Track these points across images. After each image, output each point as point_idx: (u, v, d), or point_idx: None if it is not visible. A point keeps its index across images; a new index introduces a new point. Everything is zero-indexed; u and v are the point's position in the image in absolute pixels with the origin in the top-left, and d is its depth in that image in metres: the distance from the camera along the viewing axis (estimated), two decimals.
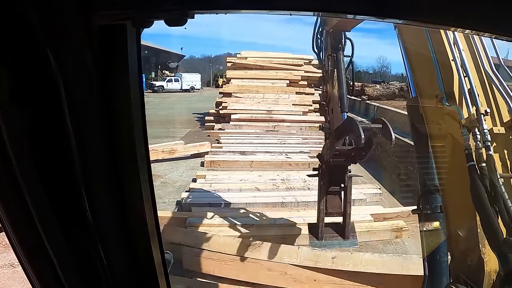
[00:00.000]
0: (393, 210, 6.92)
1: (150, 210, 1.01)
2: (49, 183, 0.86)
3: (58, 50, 0.76)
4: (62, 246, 0.92)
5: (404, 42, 2.72)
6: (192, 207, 7.03)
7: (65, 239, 0.92)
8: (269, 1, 0.82)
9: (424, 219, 2.70)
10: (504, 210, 1.84)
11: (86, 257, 0.96)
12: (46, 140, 0.83)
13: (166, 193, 8.39)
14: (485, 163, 1.94)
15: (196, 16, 0.81)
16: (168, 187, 8.85)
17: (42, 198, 0.86)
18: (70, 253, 0.95)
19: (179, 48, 52.56)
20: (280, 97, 17.14)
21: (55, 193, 0.87)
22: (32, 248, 0.91)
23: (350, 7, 0.80)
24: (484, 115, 2.01)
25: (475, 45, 2.26)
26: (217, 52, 75.14)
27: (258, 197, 7.56)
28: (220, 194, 7.72)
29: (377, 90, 19.88)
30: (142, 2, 0.77)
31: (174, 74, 44.99)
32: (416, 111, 2.52)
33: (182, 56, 53.92)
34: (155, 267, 1.06)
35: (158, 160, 10.74)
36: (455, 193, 2.29)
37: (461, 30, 1.17)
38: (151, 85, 39.61)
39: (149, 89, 38.48)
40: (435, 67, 2.30)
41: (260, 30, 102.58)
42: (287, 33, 56.79)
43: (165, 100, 30.94)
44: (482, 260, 2.02)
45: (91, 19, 0.75)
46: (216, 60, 55.29)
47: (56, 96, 0.79)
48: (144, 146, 0.96)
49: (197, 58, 65.50)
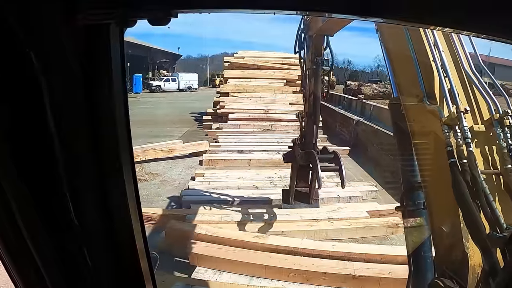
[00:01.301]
0: (389, 206, 7.04)
1: (135, 210, 1.00)
2: (31, 183, 0.85)
3: (40, 50, 0.76)
4: (46, 246, 0.92)
5: (385, 43, 2.77)
6: (191, 204, 7.13)
7: (48, 239, 0.91)
8: (253, 1, 0.83)
9: (407, 215, 2.73)
10: (485, 205, 1.88)
11: (70, 257, 0.96)
12: (28, 140, 0.82)
13: (165, 191, 8.48)
14: (466, 159, 1.98)
15: (196, 16, 0.84)
16: (167, 185, 8.93)
17: (25, 198, 0.85)
18: (54, 253, 0.94)
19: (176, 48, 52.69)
20: (277, 97, 17.25)
21: (38, 193, 0.86)
22: (15, 248, 0.90)
23: (333, 7, 0.81)
24: (464, 113, 2.06)
25: (455, 45, 2.31)
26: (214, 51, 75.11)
27: (256, 194, 7.70)
28: (219, 192, 7.83)
29: (373, 89, 19.99)
30: (125, 1, 0.77)
31: (171, 74, 44.99)
32: (398, 110, 2.56)
33: (179, 56, 53.94)
34: (141, 267, 1.05)
35: (157, 159, 10.86)
36: (437, 189, 2.32)
37: (440, 28, 1.21)
38: (149, 84, 39.61)
39: (147, 89, 38.47)
40: (415, 67, 2.34)
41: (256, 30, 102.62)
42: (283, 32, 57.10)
43: (162, 99, 30.92)
44: (466, 255, 2.04)
45: (74, 18, 0.75)
46: (213, 59, 55.47)
47: (39, 96, 0.79)
48: (128, 146, 0.96)
49: (194, 58, 65.51)
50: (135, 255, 1.03)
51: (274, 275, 4.84)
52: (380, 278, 4.67)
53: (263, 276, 4.85)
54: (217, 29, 57.92)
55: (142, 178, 9.30)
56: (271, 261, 4.94)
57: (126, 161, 0.95)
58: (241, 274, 4.90)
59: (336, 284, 4.69)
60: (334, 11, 0.87)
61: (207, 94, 27.80)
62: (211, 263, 5.06)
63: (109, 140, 0.91)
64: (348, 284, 4.68)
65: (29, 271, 0.93)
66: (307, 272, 4.79)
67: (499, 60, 28.69)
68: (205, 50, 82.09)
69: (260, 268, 4.89)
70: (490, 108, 2.17)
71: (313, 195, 6.56)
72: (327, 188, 7.68)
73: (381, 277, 4.67)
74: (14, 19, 0.72)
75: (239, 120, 15.80)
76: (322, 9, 0.85)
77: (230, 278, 4.84)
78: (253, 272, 4.90)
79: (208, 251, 5.14)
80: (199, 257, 5.13)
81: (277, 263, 4.91)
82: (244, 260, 4.99)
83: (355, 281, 4.69)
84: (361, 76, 48.97)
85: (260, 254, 5.08)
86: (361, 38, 19.77)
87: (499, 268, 1.75)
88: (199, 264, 5.09)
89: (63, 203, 0.89)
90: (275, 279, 4.81)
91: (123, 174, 0.94)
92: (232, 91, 17.39)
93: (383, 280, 4.65)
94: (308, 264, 4.88)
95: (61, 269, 0.96)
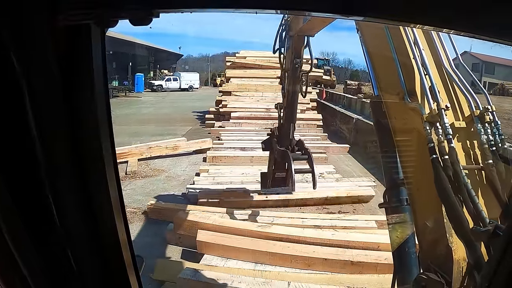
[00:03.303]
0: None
1: (118, 211, 0.99)
2: (13, 186, 0.84)
3: (21, 51, 0.76)
4: (28, 248, 0.90)
5: (366, 42, 2.78)
6: (198, 198, 7.43)
7: (30, 241, 0.89)
8: (235, 0, 0.83)
9: (391, 212, 2.74)
10: (468, 199, 1.90)
11: (55, 261, 0.94)
12: (8, 143, 0.81)
13: (171, 186, 8.81)
14: (448, 155, 1.99)
15: (193, 16, 0.86)
16: (172, 181, 9.25)
17: (6, 201, 0.84)
18: (38, 257, 0.91)
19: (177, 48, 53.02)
20: (279, 96, 17.44)
21: (20, 196, 0.85)
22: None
23: (316, 5, 0.81)
24: (445, 110, 2.07)
25: (435, 43, 2.34)
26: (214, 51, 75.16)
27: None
28: (223, 187, 8.14)
29: None
30: (106, 1, 0.77)
31: (172, 73, 45.25)
32: (379, 108, 2.57)
33: (180, 56, 54.23)
34: (126, 269, 1.04)
35: (162, 156, 11.17)
36: (420, 185, 2.33)
37: (420, 26, 1.28)
38: (150, 84, 39.94)
39: (148, 88, 38.82)
40: (396, 66, 2.36)
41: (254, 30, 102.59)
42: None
43: (164, 99, 31.25)
44: (450, 249, 2.05)
45: (54, 19, 0.75)
46: (214, 59, 55.71)
47: (19, 98, 0.78)
48: (110, 146, 0.95)
49: (195, 57, 65.75)
50: (120, 257, 1.02)
51: (277, 262, 5.14)
52: (377, 264, 4.96)
53: (267, 263, 5.15)
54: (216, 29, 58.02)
55: (148, 174, 9.62)
56: (274, 249, 5.24)
57: (109, 162, 0.94)
58: (247, 261, 5.20)
59: (336, 270, 5.00)
60: (317, 10, 0.88)
61: (208, 94, 28.07)
62: (218, 251, 5.36)
63: (91, 142, 0.90)
64: (347, 269, 4.98)
65: (14, 278, 0.90)
66: (308, 259, 5.10)
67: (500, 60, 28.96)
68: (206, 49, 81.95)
69: (265, 255, 5.19)
70: (470, 104, 2.21)
71: (289, 178, 6.20)
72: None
73: (378, 263, 4.96)
74: None
75: (241, 119, 16.11)
76: (303, 8, 0.87)
77: (236, 264, 5.14)
78: (257, 259, 5.21)
79: (215, 240, 5.45)
80: (206, 245, 5.43)
81: (281, 250, 5.21)
82: (249, 247, 5.29)
83: (354, 266, 4.99)
84: (361, 75, 49.09)
85: (264, 242, 5.38)
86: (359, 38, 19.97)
87: (484, 262, 1.76)
88: (207, 252, 5.40)
89: (45, 206, 0.87)
90: (279, 265, 5.12)
91: (106, 175, 0.94)
92: (234, 90, 17.68)
93: (380, 265, 4.94)
94: (309, 251, 5.18)
95: (45, 274, 0.94)
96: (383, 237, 5.55)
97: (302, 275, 4.90)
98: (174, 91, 38.65)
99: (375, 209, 7.57)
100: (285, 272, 4.96)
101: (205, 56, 61.24)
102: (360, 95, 18.70)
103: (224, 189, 7.92)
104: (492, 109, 2.17)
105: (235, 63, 18.99)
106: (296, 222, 6.36)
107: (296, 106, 6.30)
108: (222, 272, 4.87)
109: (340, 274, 4.92)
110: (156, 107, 24.58)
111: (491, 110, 2.17)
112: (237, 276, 4.73)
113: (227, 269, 4.99)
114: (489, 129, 2.13)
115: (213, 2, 0.84)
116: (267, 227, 5.77)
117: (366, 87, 20.38)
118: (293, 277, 4.78)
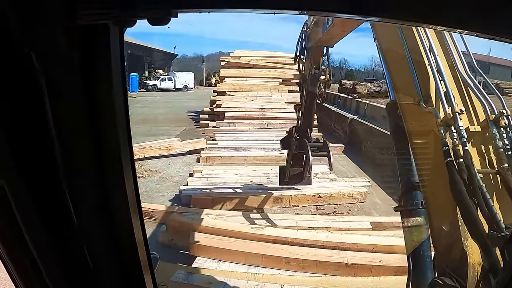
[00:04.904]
0: (393, 219, 6.38)
1: (135, 209, 1.00)
2: (31, 182, 0.85)
3: (41, 50, 0.77)
4: (46, 245, 0.91)
5: (382, 48, 2.84)
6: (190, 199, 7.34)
7: (49, 238, 0.91)
8: (253, 0, 0.83)
9: (406, 215, 2.75)
10: (482, 203, 1.89)
11: (71, 257, 0.96)
12: (28, 139, 0.83)
13: (165, 187, 8.70)
14: (462, 158, 2.00)
15: (193, 16, 0.86)
16: (166, 182, 9.13)
17: (25, 197, 0.85)
18: (54, 253, 0.93)
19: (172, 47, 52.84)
20: (273, 96, 17.47)
21: (38, 192, 0.87)
22: (15, 248, 0.90)
23: (331, 6, 0.82)
24: (460, 114, 2.10)
25: (448, 46, 2.39)
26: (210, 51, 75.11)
27: (253, 189, 7.95)
28: (217, 187, 8.05)
29: (368, 88, 20.27)
30: (124, 1, 0.77)
31: (167, 73, 45.05)
32: (395, 113, 2.63)
33: (175, 55, 54.04)
34: (141, 267, 1.05)
35: (156, 156, 11.04)
36: (435, 189, 2.34)
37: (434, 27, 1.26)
38: (145, 84, 39.59)
39: (143, 88, 38.47)
40: (411, 71, 2.39)
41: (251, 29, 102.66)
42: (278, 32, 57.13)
43: (158, 99, 30.99)
44: (465, 253, 2.05)
45: (73, 19, 0.75)
46: (209, 58, 55.57)
47: (39, 96, 0.79)
48: (128, 145, 0.96)
49: (190, 57, 65.57)
50: (136, 256, 1.03)
51: (271, 264, 5.07)
52: (372, 266, 4.91)
53: (260, 265, 5.07)
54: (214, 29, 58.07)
55: (142, 175, 9.48)
56: (268, 251, 5.17)
57: (126, 160, 0.96)
58: (240, 264, 5.12)
59: (330, 272, 4.93)
60: (331, 10, 0.89)
61: (203, 93, 27.91)
62: (211, 254, 5.28)
63: (110, 139, 0.92)
64: (341, 272, 4.92)
65: (29, 272, 0.92)
66: (302, 261, 5.03)
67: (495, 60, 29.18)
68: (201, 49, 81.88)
69: (258, 257, 5.11)
70: (485, 109, 2.22)
71: (306, 172, 7.30)
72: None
73: (373, 265, 4.91)
74: (14, 20, 0.73)
75: (235, 119, 16.02)
76: (319, 8, 0.89)
77: (229, 267, 5.06)
78: (251, 261, 5.12)
79: (208, 242, 5.36)
80: (199, 247, 5.35)
81: (274, 253, 5.14)
82: (242, 250, 5.21)
83: (348, 269, 4.93)
84: (356, 75, 49.32)
85: (257, 244, 5.31)
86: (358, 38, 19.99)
87: (500, 267, 1.75)
88: (199, 254, 5.31)
89: (63, 202, 0.89)
90: (272, 268, 5.04)
91: (123, 173, 0.95)
92: (228, 90, 17.59)
93: (374, 268, 4.89)
94: (303, 253, 5.11)
95: (61, 269, 0.96)
96: (378, 238, 5.55)
97: (295, 277, 4.83)
98: (169, 91, 38.42)
99: (369, 210, 7.60)
100: (278, 275, 4.88)
101: (200, 56, 61.08)
102: (355, 94, 18.69)
103: (218, 192, 7.83)
104: (507, 113, 2.16)
105: (230, 62, 18.89)
106: (290, 223, 6.29)
107: (313, 113, 6.95)
108: (214, 275, 4.79)
109: (334, 277, 4.85)
110: (151, 107, 24.38)
111: (507, 114, 2.16)
112: (230, 279, 4.65)
113: (220, 272, 4.90)
114: (504, 133, 2.13)
115: (232, 2, 0.85)
116: (261, 229, 5.71)
117: (361, 87, 20.40)
118: (287, 280, 4.71)
